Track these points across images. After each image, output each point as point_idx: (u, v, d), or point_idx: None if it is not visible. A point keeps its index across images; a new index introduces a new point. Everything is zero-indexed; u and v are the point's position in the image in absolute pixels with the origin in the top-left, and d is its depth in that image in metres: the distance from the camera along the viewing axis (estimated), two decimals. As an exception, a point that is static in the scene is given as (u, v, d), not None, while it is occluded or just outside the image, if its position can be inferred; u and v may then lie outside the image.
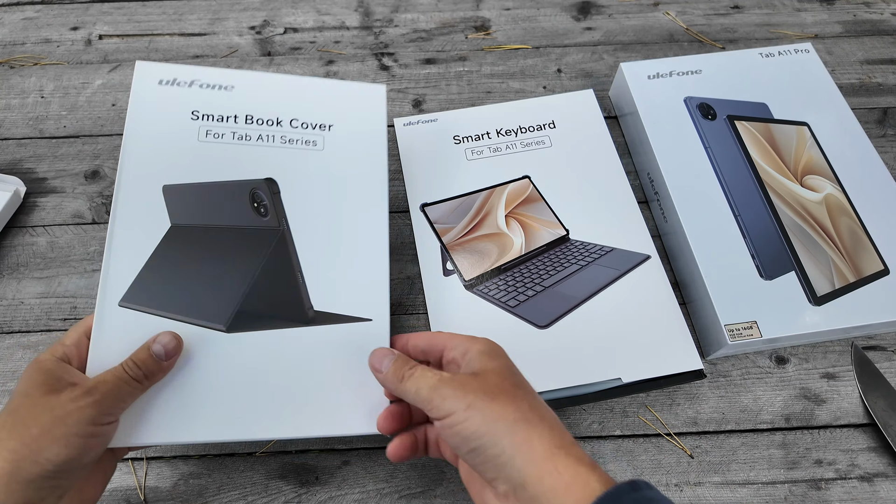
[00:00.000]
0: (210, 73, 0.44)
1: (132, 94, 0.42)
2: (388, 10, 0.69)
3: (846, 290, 0.47)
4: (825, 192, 0.52)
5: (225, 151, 0.42)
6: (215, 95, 0.43)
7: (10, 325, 0.50)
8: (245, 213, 0.40)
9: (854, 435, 0.46)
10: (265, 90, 0.44)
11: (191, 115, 0.42)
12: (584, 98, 0.58)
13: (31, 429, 0.30)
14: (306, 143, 0.43)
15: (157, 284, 0.38)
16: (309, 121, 0.44)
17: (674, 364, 0.45)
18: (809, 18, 0.68)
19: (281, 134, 0.43)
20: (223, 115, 0.43)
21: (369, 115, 0.45)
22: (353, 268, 0.41)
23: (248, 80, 0.44)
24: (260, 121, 0.43)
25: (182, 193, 0.40)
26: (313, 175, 0.43)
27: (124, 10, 0.69)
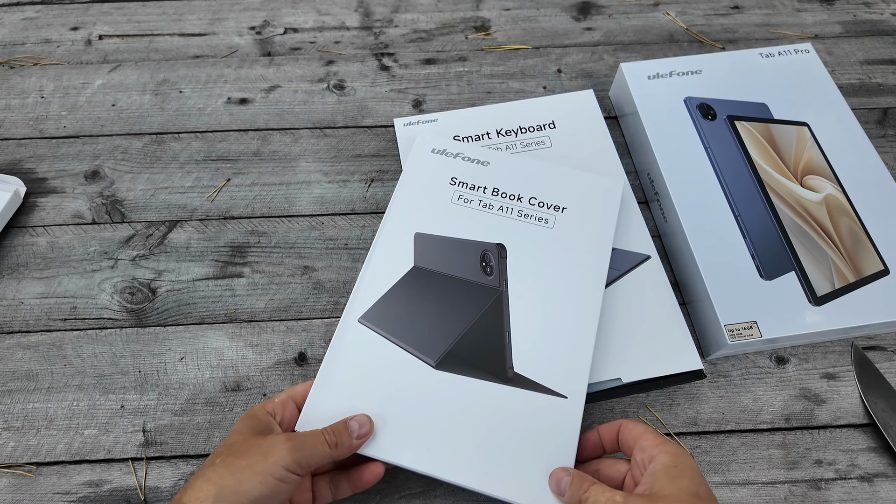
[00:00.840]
0: (473, 151, 0.52)
1: (412, 153, 0.52)
2: (388, 10, 0.69)
3: (846, 290, 0.47)
4: (825, 192, 0.52)
5: (471, 215, 0.49)
6: (473, 168, 0.51)
7: (9, 325, 0.50)
8: (474, 269, 0.46)
9: (854, 435, 0.46)
10: (515, 170, 0.51)
11: (450, 181, 0.50)
12: (585, 98, 0.58)
13: (240, 460, 0.34)
14: (539, 219, 0.48)
15: (390, 311, 0.45)
16: (546, 200, 0.49)
17: (674, 364, 0.45)
18: (809, 19, 0.68)
19: (519, 208, 0.49)
20: (476, 185, 0.50)
21: (602, 204, 0.49)
22: (560, 342, 0.43)
23: (503, 161, 0.51)
24: (504, 194, 0.49)
25: (428, 242, 0.47)
26: (541, 248, 0.47)
27: (124, 10, 0.69)
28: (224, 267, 0.53)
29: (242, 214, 0.56)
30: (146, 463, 0.45)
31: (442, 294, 0.45)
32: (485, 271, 0.46)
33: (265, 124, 0.61)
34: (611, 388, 0.44)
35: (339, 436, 0.38)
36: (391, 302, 0.45)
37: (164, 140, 0.60)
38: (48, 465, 0.45)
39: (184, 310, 0.51)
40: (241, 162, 0.59)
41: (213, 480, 0.33)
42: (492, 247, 0.47)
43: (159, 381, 0.48)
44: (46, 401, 0.47)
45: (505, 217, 0.48)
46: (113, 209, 0.56)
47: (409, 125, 0.57)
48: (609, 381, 0.44)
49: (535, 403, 0.41)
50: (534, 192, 0.50)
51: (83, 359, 0.49)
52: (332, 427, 0.38)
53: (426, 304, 0.45)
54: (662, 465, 0.33)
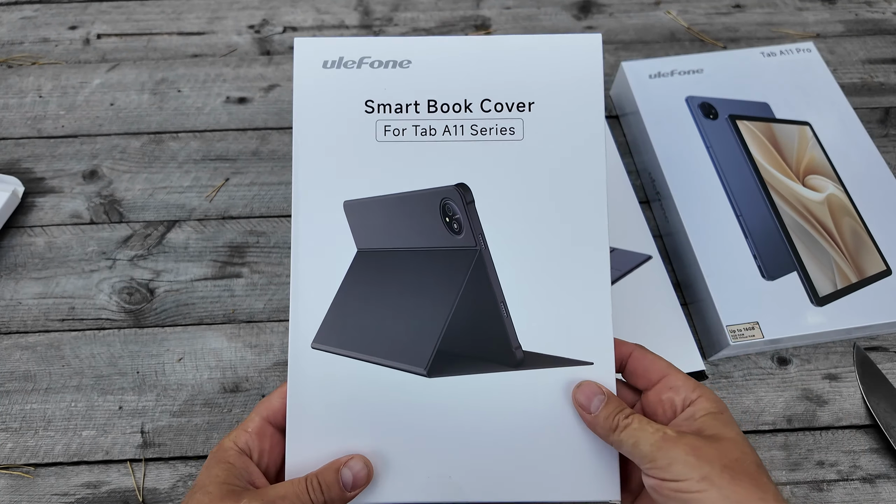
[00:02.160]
0: (381, 47, 0.35)
1: (295, 85, 0.34)
2: (387, 8, 0.69)
3: (848, 290, 0.47)
4: (827, 192, 0.52)
5: (409, 152, 0.34)
6: (390, 76, 0.35)
7: (7, 326, 0.50)
8: (436, 230, 0.34)
9: (856, 436, 0.46)
10: (449, 63, 0.35)
11: (365, 108, 0.34)
12: None
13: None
14: (502, 131, 0.34)
15: (348, 322, 0.34)
16: (504, 100, 0.34)
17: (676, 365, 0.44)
18: (811, 18, 0.68)
19: (471, 123, 0.34)
20: (402, 104, 0.34)
21: (580, 78, 0.34)
22: (568, 298, 0.33)
23: (426, 49, 0.35)
24: (445, 106, 0.34)
25: (365, 210, 0.34)
26: (512, 175, 0.34)
27: (122, 9, 0.68)
28: (223, 267, 0.53)
29: (241, 214, 0.55)
30: (144, 464, 0.45)
31: (406, 279, 0.35)
32: (451, 229, 0.34)
33: (264, 123, 0.61)
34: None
35: (329, 490, 0.31)
36: (344, 308, 0.34)
37: (163, 139, 0.59)
38: (46, 466, 0.45)
39: (182, 310, 0.51)
40: (240, 161, 0.58)
41: None
42: (450, 191, 0.33)
43: (158, 382, 0.48)
44: (44, 401, 0.47)
45: (456, 141, 0.34)
46: (111, 209, 0.55)
47: None
48: None
49: (558, 382, 0.33)
50: (485, 92, 0.34)
51: (81, 359, 0.48)
52: (319, 479, 0.31)
53: (391, 298, 0.34)
54: (708, 410, 0.29)
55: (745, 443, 0.28)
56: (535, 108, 0.34)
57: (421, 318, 0.34)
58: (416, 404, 0.33)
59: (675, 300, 0.47)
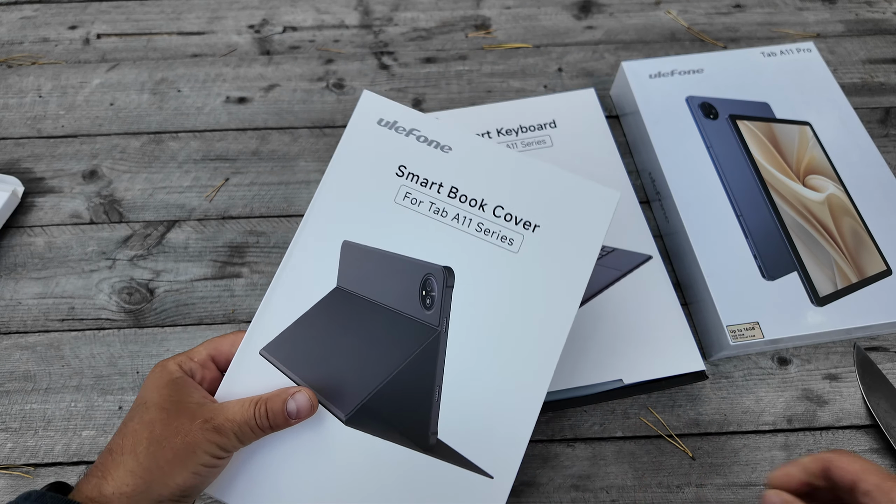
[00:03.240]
0: (433, 128, 0.39)
1: (349, 128, 0.39)
2: (387, 8, 0.69)
3: (848, 290, 0.47)
4: (827, 192, 0.52)
5: (417, 222, 0.37)
6: (429, 154, 0.39)
7: (7, 326, 0.50)
8: (411, 298, 0.37)
9: (856, 436, 0.46)
10: (482, 162, 0.38)
11: (397, 171, 0.38)
12: (586, 97, 0.58)
13: (166, 451, 0.31)
14: (503, 239, 0.37)
15: (300, 344, 0.36)
16: (515, 213, 0.37)
17: (675, 365, 0.44)
18: (811, 17, 0.68)
19: (479, 220, 0.37)
20: (428, 180, 0.38)
21: (587, 228, 0.37)
22: (498, 407, 0.35)
23: (470, 146, 0.39)
24: (464, 197, 0.38)
25: (358, 255, 0.37)
26: (497, 278, 0.36)
27: (122, 8, 0.68)
28: (222, 267, 0.53)
29: (241, 214, 0.55)
30: (144, 464, 0.45)
31: (367, 327, 0.37)
32: (423, 303, 0.36)
33: (264, 123, 0.61)
34: (612, 390, 0.44)
35: (275, 418, 0.33)
36: (303, 331, 0.36)
37: (163, 139, 0.59)
38: (46, 466, 0.45)
39: (182, 310, 0.51)
40: (240, 161, 0.58)
41: (140, 474, 0.30)
42: (437, 270, 0.36)
43: (158, 382, 0.48)
44: (44, 401, 0.47)
45: (460, 230, 0.37)
46: (111, 209, 0.55)
47: None
48: (610, 382, 0.44)
49: (456, 480, 0.34)
50: (501, 199, 0.38)
51: (81, 359, 0.48)
52: (268, 405, 0.33)
53: (346, 339, 0.36)
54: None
55: None
56: (539, 231, 0.37)
57: (363, 369, 0.36)
58: (326, 443, 0.34)
59: (676, 300, 0.47)
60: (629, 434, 0.46)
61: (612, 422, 0.46)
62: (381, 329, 0.36)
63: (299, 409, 0.34)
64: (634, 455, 0.45)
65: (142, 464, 0.30)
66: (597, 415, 0.46)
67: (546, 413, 0.46)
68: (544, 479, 0.44)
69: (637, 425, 0.46)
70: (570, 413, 0.46)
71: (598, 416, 0.46)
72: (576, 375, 0.44)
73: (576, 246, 0.37)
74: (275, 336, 0.36)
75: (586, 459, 0.45)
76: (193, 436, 0.31)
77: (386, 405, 0.35)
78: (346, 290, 0.37)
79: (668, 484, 0.44)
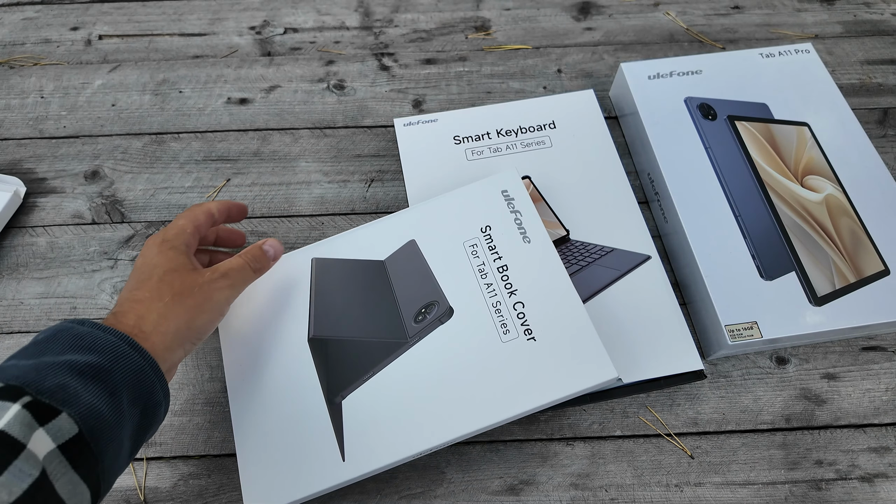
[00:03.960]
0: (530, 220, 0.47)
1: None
2: (388, 10, 0.69)
3: (847, 290, 0.47)
4: (825, 192, 0.52)
5: (466, 269, 0.45)
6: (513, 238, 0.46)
7: (9, 326, 0.50)
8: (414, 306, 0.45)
9: (854, 435, 0.46)
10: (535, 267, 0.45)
11: (482, 227, 0.47)
12: (585, 98, 0.58)
13: (189, 299, 0.37)
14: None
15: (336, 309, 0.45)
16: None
17: (674, 365, 0.45)
18: (810, 19, 0.68)
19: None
20: (497, 252, 0.46)
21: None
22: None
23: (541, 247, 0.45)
24: (506, 278, 0.44)
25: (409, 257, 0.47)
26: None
27: (124, 10, 0.69)
28: (224, 267, 0.53)
29: (242, 214, 0.56)
30: (146, 463, 0.45)
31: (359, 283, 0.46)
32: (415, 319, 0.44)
33: (265, 124, 0.61)
34: (611, 389, 0.44)
35: (259, 260, 0.42)
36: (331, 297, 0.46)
37: (164, 140, 0.60)
38: (48, 465, 0.45)
39: (184, 310, 0.51)
40: (241, 162, 0.58)
41: (171, 317, 0.36)
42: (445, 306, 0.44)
43: (159, 382, 0.48)
44: (46, 401, 0.47)
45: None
46: (113, 209, 0.56)
47: (409, 125, 0.57)
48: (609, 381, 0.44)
49: None
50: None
51: (83, 359, 0.49)
52: (251, 254, 0.42)
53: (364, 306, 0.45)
54: None
55: None
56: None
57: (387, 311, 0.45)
58: (401, 372, 0.42)
59: (674, 300, 0.47)
60: (628, 433, 0.46)
61: (612, 421, 0.46)
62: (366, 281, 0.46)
63: (275, 250, 0.44)
64: (633, 454, 0.45)
65: (172, 309, 0.36)
66: (596, 414, 0.47)
67: (545, 412, 0.46)
68: (543, 478, 0.44)
69: (636, 424, 0.46)
70: (569, 412, 0.47)
71: (597, 416, 0.47)
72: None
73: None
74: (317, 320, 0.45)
75: (585, 458, 0.45)
76: (208, 286, 0.38)
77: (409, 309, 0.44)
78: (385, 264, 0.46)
79: (666, 483, 0.44)
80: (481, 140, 0.56)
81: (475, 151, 0.55)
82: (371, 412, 0.41)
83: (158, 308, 0.36)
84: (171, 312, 0.36)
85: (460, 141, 0.56)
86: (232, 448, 0.45)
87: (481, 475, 0.44)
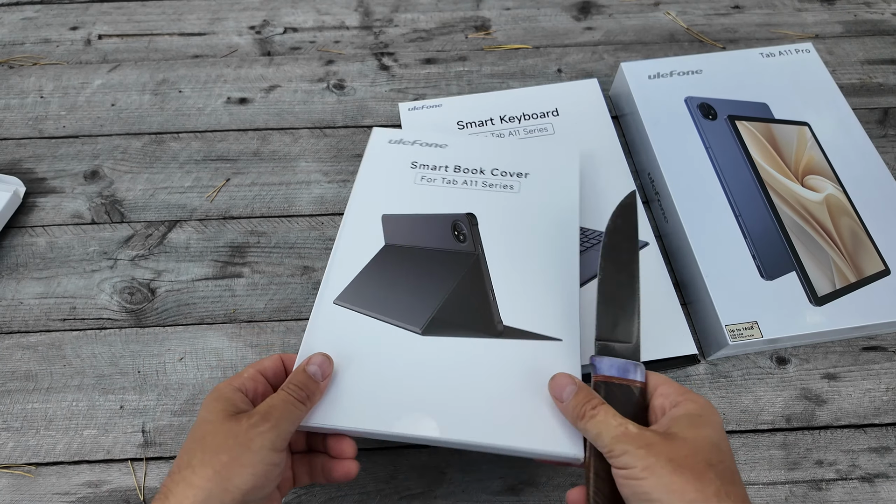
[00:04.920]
0: (429, 136, 0.52)
1: (368, 148, 0.52)
2: (387, 9, 0.69)
3: (847, 290, 0.47)
4: (826, 192, 0.52)
5: (435, 192, 0.48)
6: (432, 152, 0.51)
7: (9, 326, 0.50)
8: (447, 239, 0.46)
9: (855, 435, 0.46)
10: (472, 149, 0.51)
11: (410, 165, 0.50)
12: (588, 87, 0.58)
13: (221, 455, 0.31)
14: (504, 186, 0.49)
15: (367, 289, 0.44)
16: (508, 170, 0.50)
17: (668, 348, 0.45)
18: (810, 18, 0.68)
19: (483, 180, 0.49)
20: (436, 165, 0.50)
21: (563, 165, 0.50)
22: (544, 293, 0.43)
23: (461, 141, 0.52)
24: (466, 170, 0.50)
25: (397, 221, 0.47)
26: (510, 212, 0.47)
27: (124, 9, 0.69)
28: (223, 267, 0.53)
29: (242, 214, 0.56)
30: (145, 463, 0.45)
31: (418, 266, 0.45)
32: (458, 240, 0.45)
33: (265, 124, 0.61)
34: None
35: (306, 387, 0.36)
36: (366, 280, 0.44)
37: (164, 140, 0.60)
38: (47, 465, 0.45)
39: (183, 310, 0.51)
40: (241, 162, 0.58)
41: (198, 484, 0.30)
42: (462, 216, 0.47)
43: (159, 382, 0.48)
44: (46, 401, 0.47)
45: (471, 189, 0.48)
46: (112, 209, 0.56)
47: (413, 109, 0.58)
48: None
49: (530, 352, 0.40)
50: (495, 165, 0.50)
51: (82, 359, 0.49)
52: (293, 382, 0.35)
53: (403, 278, 0.44)
54: (686, 411, 0.32)
55: (708, 442, 0.31)
56: (530, 176, 0.49)
57: (425, 294, 0.44)
58: (409, 355, 0.40)
59: (671, 286, 0.47)
60: (628, 433, 0.46)
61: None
62: (432, 264, 0.45)
63: (320, 367, 0.37)
64: (634, 454, 0.45)
65: (199, 475, 0.30)
66: (596, 414, 0.47)
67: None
68: (543, 479, 0.44)
69: (636, 424, 0.46)
70: (569, 412, 0.47)
71: (597, 416, 0.46)
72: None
73: (560, 178, 0.49)
74: (342, 289, 0.44)
75: (586, 458, 0.45)
76: (245, 434, 0.32)
77: (453, 313, 0.42)
78: (395, 245, 0.46)
79: (667, 483, 0.44)
80: (484, 126, 0.56)
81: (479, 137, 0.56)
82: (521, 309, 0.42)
83: (186, 478, 0.30)
84: (199, 478, 0.30)
85: (464, 126, 0.56)
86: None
87: (481, 475, 0.44)
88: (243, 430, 0.32)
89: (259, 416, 0.32)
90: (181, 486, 0.30)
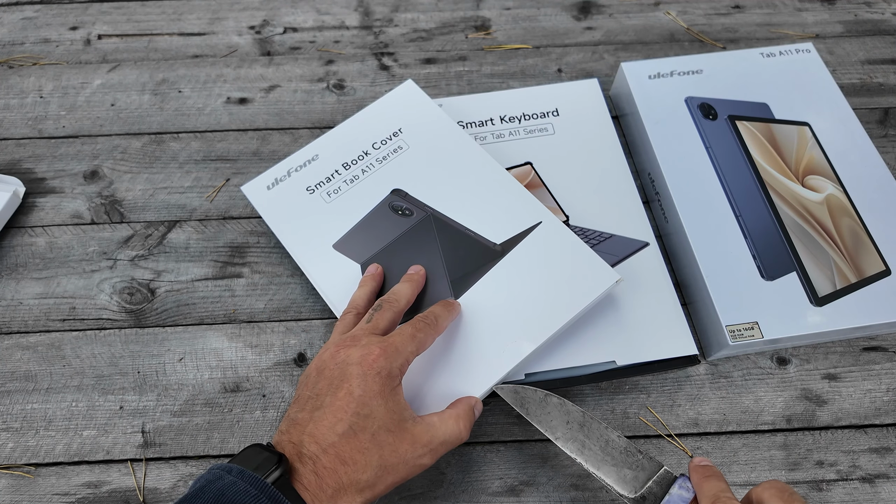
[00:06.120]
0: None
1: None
2: (387, 9, 0.69)
3: (847, 290, 0.47)
4: (826, 192, 0.52)
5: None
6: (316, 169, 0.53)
7: (8, 326, 0.50)
8: (399, 221, 0.49)
9: (855, 436, 0.46)
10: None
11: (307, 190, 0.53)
12: (588, 87, 0.58)
13: (393, 475, 0.35)
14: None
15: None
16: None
17: (668, 349, 0.45)
18: (810, 18, 0.68)
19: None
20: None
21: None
22: (498, 200, 0.48)
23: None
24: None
25: (349, 239, 0.49)
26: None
27: (123, 9, 0.69)
28: (223, 267, 0.53)
29: (242, 214, 0.55)
30: (145, 464, 0.45)
31: (400, 256, 0.48)
32: (405, 215, 0.49)
33: (265, 124, 0.61)
34: (605, 371, 0.44)
35: (470, 420, 0.40)
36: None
37: (164, 140, 0.60)
38: (47, 465, 0.45)
39: (183, 310, 0.51)
40: (241, 162, 0.58)
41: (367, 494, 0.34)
42: (389, 198, 0.50)
43: (158, 382, 0.48)
44: (45, 401, 0.47)
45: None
46: (112, 209, 0.56)
47: None
48: (603, 363, 0.44)
49: (531, 247, 0.46)
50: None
51: (82, 359, 0.49)
52: (466, 419, 0.39)
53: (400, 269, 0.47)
54: None
55: None
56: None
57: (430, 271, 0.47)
58: (468, 319, 0.44)
59: (671, 286, 0.47)
60: (629, 433, 0.46)
61: (612, 421, 0.46)
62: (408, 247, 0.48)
63: (479, 410, 0.41)
64: (634, 454, 0.45)
65: (370, 485, 0.34)
66: (596, 414, 0.46)
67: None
68: (544, 479, 0.44)
69: (637, 425, 0.46)
70: (569, 413, 0.46)
71: (597, 416, 0.46)
72: (570, 356, 0.44)
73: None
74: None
75: (586, 459, 0.45)
76: (416, 462, 0.36)
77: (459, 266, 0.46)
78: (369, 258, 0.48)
79: (667, 483, 0.44)
80: (484, 126, 0.56)
81: (478, 137, 0.56)
82: None
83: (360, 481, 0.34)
84: (369, 488, 0.34)
85: (464, 126, 0.56)
86: (230, 449, 0.45)
87: (481, 476, 0.44)
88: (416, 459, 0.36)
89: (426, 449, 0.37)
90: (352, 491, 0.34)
